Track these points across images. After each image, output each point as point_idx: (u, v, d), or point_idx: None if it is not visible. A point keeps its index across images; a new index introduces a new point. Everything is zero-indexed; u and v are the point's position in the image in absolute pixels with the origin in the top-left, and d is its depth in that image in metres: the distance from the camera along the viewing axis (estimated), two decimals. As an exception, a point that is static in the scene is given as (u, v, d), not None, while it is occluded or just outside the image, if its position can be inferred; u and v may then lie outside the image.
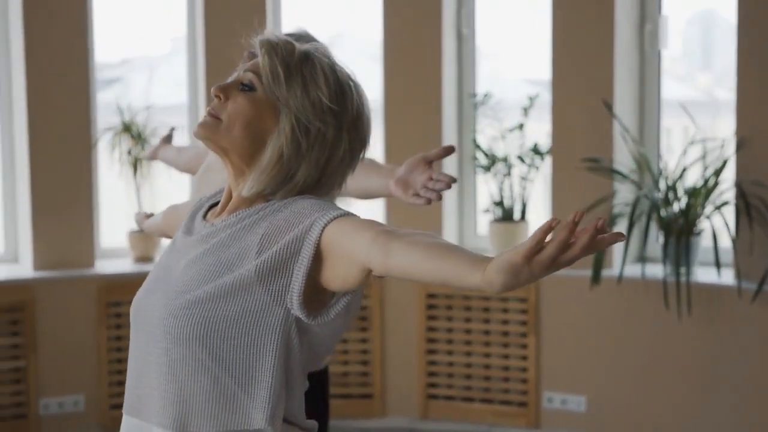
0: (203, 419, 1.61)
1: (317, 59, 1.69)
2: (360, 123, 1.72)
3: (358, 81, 1.76)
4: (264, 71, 1.68)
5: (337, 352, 4.85)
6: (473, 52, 5.07)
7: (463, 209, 5.13)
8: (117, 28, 5.29)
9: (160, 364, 1.63)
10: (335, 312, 1.62)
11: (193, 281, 1.63)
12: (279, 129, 1.66)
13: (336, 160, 1.69)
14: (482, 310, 4.71)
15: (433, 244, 1.48)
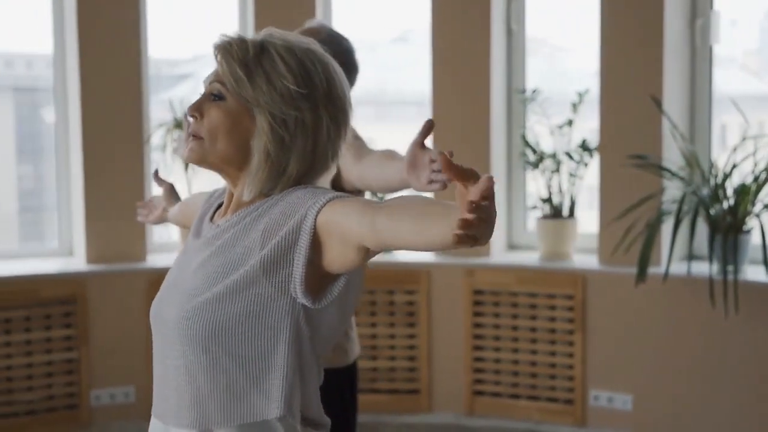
0: (222, 415, 1.66)
1: (273, 46, 1.71)
2: (333, 93, 1.73)
3: (319, 49, 1.76)
4: (226, 77, 1.70)
5: (368, 347, 4.96)
6: (523, 48, 5.14)
7: (512, 206, 5.20)
8: (187, 24, 5.44)
9: (177, 366, 1.70)
10: (335, 293, 1.65)
11: (203, 284, 1.68)
12: (258, 129, 1.70)
13: (322, 140, 1.72)
14: (529, 307, 4.78)
15: (413, 212, 1.47)
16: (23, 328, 4.60)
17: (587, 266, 4.70)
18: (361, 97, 6.36)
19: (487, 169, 4.93)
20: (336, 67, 1.76)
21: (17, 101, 5.54)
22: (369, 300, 4.94)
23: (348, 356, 2.86)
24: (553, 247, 4.82)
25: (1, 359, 4.56)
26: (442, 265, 4.91)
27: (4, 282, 4.59)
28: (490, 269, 4.84)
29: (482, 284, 4.83)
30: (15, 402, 4.60)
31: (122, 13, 4.87)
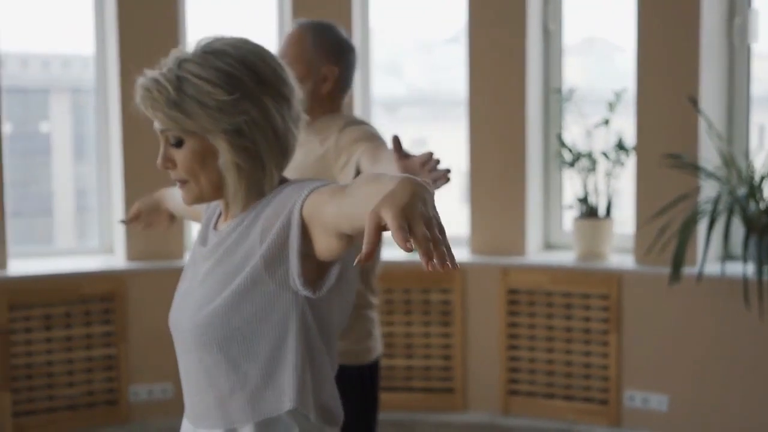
0: (243, 414, 1.75)
1: (187, 71, 1.72)
2: (264, 77, 1.75)
3: (229, 43, 1.76)
4: (165, 124, 1.75)
5: (403, 346, 5.03)
6: (560, 48, 5.19)
7: (548, 205, 5.24)
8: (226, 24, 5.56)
9: (197, 370, 1.78)
10: (332, 280, 1.70)
11: (213, 291, 1.75)
12: (221, 151, 1.74)
13: (279, 123, 1.76)
14: (564, 307, 4.82)
15: (366, 190, 1.48)
16: (64, 324, 4.73)
17: (622, 266, 4.74)
18: (416, 97, 6.43)
19: (524, 169, 4.99)
20: (255, 49, 1.77)
21: (74, 102, 5.70)
22: (404, 299, 5.01)
23: (371, 354, 2.90)
24: (589, 247, 4.86)
25: (43, 355, 4.69)
26: (478, 265, 4.97)
27: (46, 279, 4.72)
28: (526, 269, 4.89)
29: (517, 284, 4.88)
30: (56, 397, 4.74)
31: (161, 14, 4.99)
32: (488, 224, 5.05)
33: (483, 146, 5.04)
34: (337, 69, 2.84)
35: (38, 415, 4.70)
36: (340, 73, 2.85)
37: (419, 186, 1.34)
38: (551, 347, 4.86)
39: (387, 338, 5.03)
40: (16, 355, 4.64)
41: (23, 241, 5.16)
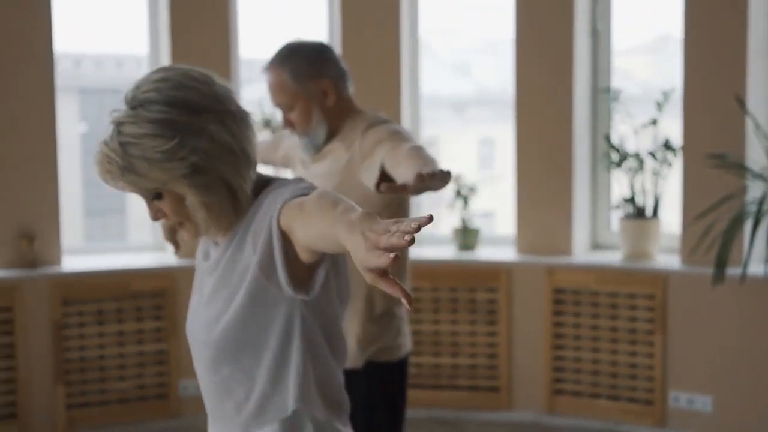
0: (255, 418, 1.85)
1: (125, 134, 1.74)
2: (198, 106, 1.77)
3: (152, 84, 1.77)
4: (125, 188, 1.78)
5: (449, 344, 5.11)
6: (608, 48, 5.24)
7: (596, 205, 5.30)
8: (277, 24, 5.70)
9: (215, 382, 1.88)
10: (320, 281, 1.77)
11: (219, 310, 1.84)
12: (187, 195, 1.78)
13: (231, 138, 1.78)
14: (610, 307, 4.87)
15: (324, 217, 1.54)
16: (116, 319, 4.89)
17: (668, 266, 4.77)
18: (484, 97, 6.50)
19: (571, 169, 5.05)
20: (177, 81, 1.77)
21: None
22: (450, 297, 5.10)
23: (399, 351, 2.95)
24: (636, 247, 4.91)
25: (95, 349, 4.86)
26: (523, 264, 5.04)
27: (98, 275, 4.88)
28: (572, 269, 4.95)
29: (563, 283, 4.95)
30: (108, 390, 4.90)
31: (213, 14, 5.13)
32: (535, 224, 5.12)
33: (530, 146, 5.11)
34: (325, 79, 2.88)
35: (90, 408, 4.86)
36: (332, 79, 2.89)
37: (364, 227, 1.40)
38: (596, 347, 4.91)
39: (433, 336, 5.12)
40: (70, 349, 4.81)
41: (98, 238, 5.33)
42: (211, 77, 1.83)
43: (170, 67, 1.83)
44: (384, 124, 2.85)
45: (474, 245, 5.30)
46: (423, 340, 5.14)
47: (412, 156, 2.43)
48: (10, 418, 4.70)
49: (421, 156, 2.42)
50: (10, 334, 4.69)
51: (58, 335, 4.76)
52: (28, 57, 4.82)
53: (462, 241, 5.29)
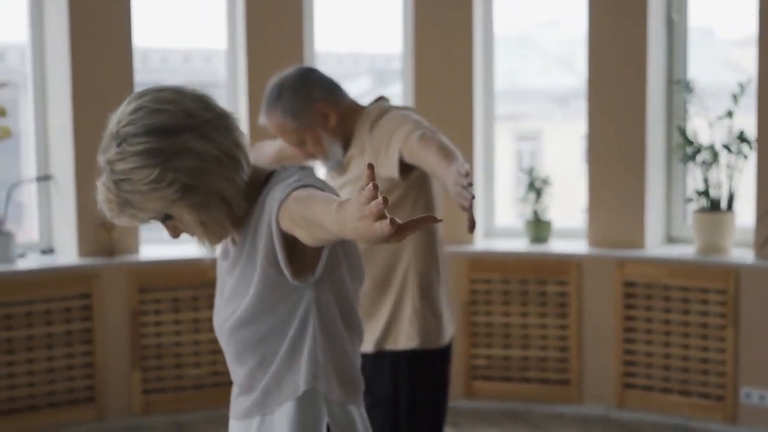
0: (276, 398, 1.95)
1: (115, 168, 1.83)
2: (175, 128, 1.83)
3: (128, 117, 1.83)
4: (130, 222, 1.89)
5: (519, 337, 5.17)
6: (684, 39, 5.24)
7: (670, 198, 5.30)
8: (351, 20, 5.83)
9: (243, 374, 1.99)
10: (323, 262, 1.87)
11: (239, 307, 1.93)
12: (183, 216, 1.87)
13: (216, 149, 1.85)
14: (681, 301, 4.88)
15: (314, 212, 1.66)
16: (191, 307, 5.07)
17: (741, 261, 4.77)
18: (575, 93, 6.52)
19: (644, 161, 5.07)
20: (150, 108, 1.84)
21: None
22: (521, 290, 5.17)
23: (441, 338, 3.02)
24: (709, 241, 4.91)
25: (171, 336, 5.05)
26: (594, 257, 5.08)
27: (175, 264, 5.06)
28: (643, 262, 4.97)
29: (634, 276, 4.97)
30: (183, 376, 5.08)
31: (288, 9, 5.26)
32: (607, 217, 5.15)
33: (602, 138, 5.14)
34: (318, 103, 2.93)
35: (166, 393, 5.06)
36: (325, 99, 2.94)
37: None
38: (668, 341, 4.93)
39: (503, 329, 5.20)
40: (146, 335, 5.01)
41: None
42: (182, 92, 1.88)
43: (142, 92, 1.89)
44: (385, 115, 2.92)
45: (546, 237, 5.35)
46: (493, 332, 5.21)
47: (430, 151, 2.52)
48: (88, 402, 4.92)
49: (435, 150, 2.52)
50: (89, 320, 4.90)
51: (134, 322, 4.96)
52: (107, 52, 5.02)
53: (534, 233, 5.34)
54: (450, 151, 2.52)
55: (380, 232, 1.44)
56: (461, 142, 5.31)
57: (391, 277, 2.96)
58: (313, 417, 1.93)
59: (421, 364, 2.98)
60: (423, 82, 5.33)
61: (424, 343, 2.98)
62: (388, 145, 2.82)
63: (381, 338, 2.98)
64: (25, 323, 4.78)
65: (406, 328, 2.96)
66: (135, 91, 4.12)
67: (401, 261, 2.96)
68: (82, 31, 4.97)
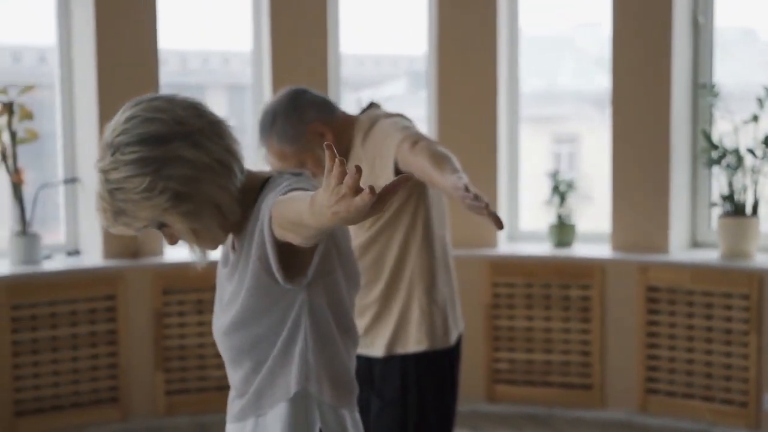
0: (268, 400, 1.98)
1: (109, 178, 1.87)
2: (168, 136, 1.87)
3: (122, 126, 1.88)
4: (125, 231, 1.93)
5: (542, 341, 5.19)
6: (711, 42, 5.23)
7: (695, 203, 5.30)
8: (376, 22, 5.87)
9: (239, 377, 2.02)
10: (314, 265, 1.91)
11: (235, 313, 1.97)
12: (174, 224, 1.91)
13: (208, 157, 1.89)
14: (705, 306, 4.88)
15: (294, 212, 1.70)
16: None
17: (765, 266, 4.76)
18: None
19: (668, 165, 5.07)
20: (144, 116, 1.88)
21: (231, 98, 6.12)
22: (544, 294, 5.19)
23: (449, 337, 3.05)
24: (734, 246, 4.90)
25: (195, 337, 5.09)
26: (617, 261, 5.09)
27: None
28: (666, 267, 4.97)
29: (657, 281, 4.98)
30: (206, 378, 5.14)
31: (313, 11, 5.31)
32: (631, 221, 5.16)
33: (627, 142, 5.15)
34: (312, 123, 2.96)
35: (189, 394, 5.12)
36: (318, 119, 2.97)
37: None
38: (691, 346, 4.93)
39: (526, 332, 5.22)
40: (170, 337, 5.08)
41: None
42: (174, 101, 1.92)
43: (136, 101, 1.93)
44: (375, 125, 2.95)
45: (570, 242, 5.37)
46: (516, 336, 5.24)
47: (438, 165, 2.56)
48: (112, 402, 4.99)
49: (428, 161, 2.56)
50: (113, 321, 4.98)
51: (158, 323, 5.03)
52: (133, 55, 5.08)
53: (558, 237, 5.36)
54: (442, 159, 2.56)
55: (362, 204, 1.47)
56: (485, 144, 5.35)
57: (399, 281, 3.01)
58: (305, 419, 1.97)
59: (430, 366, 3.02)
60: (447, 84, 5.36)
61: (432, 344, 3.01)
62: (381, 155, 2.86)
63: (391, 342, 3.02)
64: (50, 324, 4.86)
65: (414, 331, 3.00)
66: (160, 93, 4.06)
67: (407, 264, 3.00)
68: (108, 34, 5.04)
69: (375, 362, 3.06)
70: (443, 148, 2.69)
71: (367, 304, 3.02)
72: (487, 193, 5.34)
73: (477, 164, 5.37)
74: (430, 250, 3.03)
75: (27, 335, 4.81)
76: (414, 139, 2.75)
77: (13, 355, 4.77)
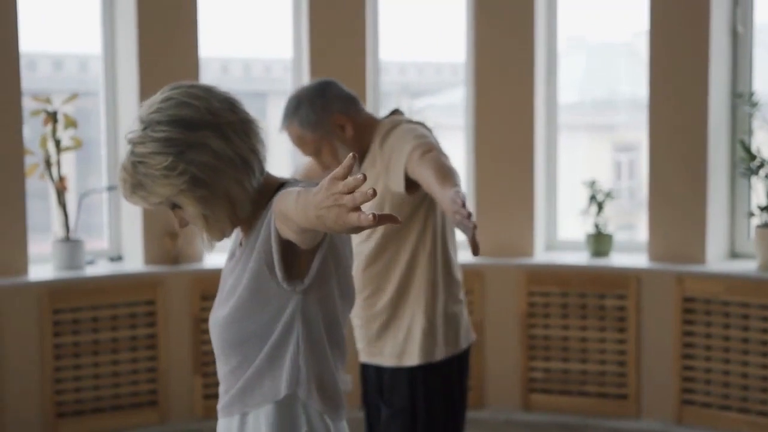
0: (255, 399, 2.05)
1: (136, 151, 1.99)
2: (198, 122, 1.97)
3: (158, 105, 1.99)
4: (138, 203, 2.03)
5: (578, 350, 5.23)
6: (750, 51, 5.26)
7: (735, 213, 5.33)
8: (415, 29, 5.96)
9: (226, 372, 2.10)
10: (314, 271, 1.99)
11: (232, 305, 2.05)
12: (188, 207, 1.99)
13: (231, 151, 1.98)
14: (741, 317, 4.91)
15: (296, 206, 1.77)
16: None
17: (802, 278, 4.79)
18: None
19: (705, 175, 5.10)
20: (181, 100, 1.99)
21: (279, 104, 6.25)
22: (580, 303, 5.24)
23: (457, 346, 3.12)
24: (772, 257, 4.93)
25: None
26: (653, 271, 5.14)
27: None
28: (702, 278, 5.01)
29: (693, 292, 5.02)
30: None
31: (352, 18, 5.42)
32: (667, 231, 5.20)
33: (664, 151, 5.19)
34: (335, 114, 3.07)
35: (227, 399, 5.24)
36: (342, 111, 3.08)
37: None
38: (727, 358, 4.97)
39: (562, 342, 5.28)
40: (208, 341, 5.07)
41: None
42: (211, 91, 2.03)
43: (175, 85, 2.04)
44: (395, 129, 3.05)
45: (608, 251, 5.42)
46: (551, 345, 5.30)
47: (427, 174, 2.65)
48: (151, 405, 5.14)
49: (433, 173, 2.64)
50: (153, 326, 5.12)
51: (197, 328, 5.16)
52: (174, 63, 5.22)
53: (594, 247, 5.41)
54: (447, 173, 2.64)
55: (356, 223, 1.55)
56: (522, 152, 5.42)
57: (408, 290, 3.08)
58: (291, 423, 2.03)
59: (438, 375, 3.09)
60: (484, 92, 5.44)
61: (441, 354, 3.09)
62: (395, 159, 2.95)
63: (400, 352, 3.10)
64: (91, 328, 5.01)
65: (423, 342, 3.07)
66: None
67: (416, 274, 3.08)
68: (150, 42, 5.18)
69: (384, 371, 3.14)
70: (450, 163, 2.77)
71: (376, 313, 3.11)
72: (524, 201, 5.41)
73: (513, 172, 5.45)
74: (438, 261, 3.10)
75: (69, 339, 4.96)
76: (425, 149, 2.84)
77: (55, 358, 4.93)
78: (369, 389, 3.25)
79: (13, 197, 4.93)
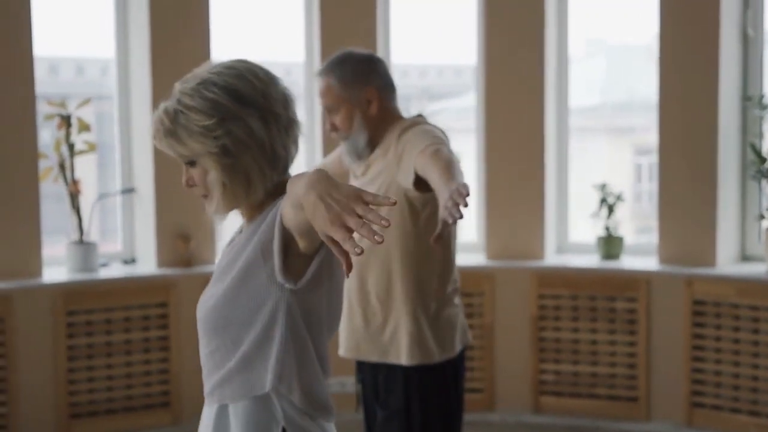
0: (232, 392, 2.07)
1: (180, 102, 2.05)
2: (247, 99, 2.04)
3: (219, 69, 2.05)
4: (164, 149, 2.10)
5: (588, 353, 5.28)
6: (760, 54, 5.29)
7: (746, 216, 5.35)
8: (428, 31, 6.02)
9: (206, 355, 2.13)
10: (310, 274, 2.00)
11: (219, 286, 2.09)
12: (211, 171, 2.06)
13: (263, 139, 2.05)
14: (751, 320, 4.94)
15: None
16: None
17: (811, 281, 4.81)
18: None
19: (715, 178, 5.14)
20: (240, 72, 2.06)
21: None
22: (590, 306, 5.29)
23: (452, 348, 3.16)
24: (781, 260, 4.96)
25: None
26: (663, 274, 5.17)
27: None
28: (712, 280, 5.04)
29: (703, 295, 5.05)
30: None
31: (363, 21, 5.47)
32: (677, 233, 5.23)
33: (673, 153, 5.22)
34: (371, 87, 3.13)
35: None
36: (378, 88, 3.14)
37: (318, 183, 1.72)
38: (737, 360, 5.00)
39: (572, 344, 5.32)
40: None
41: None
42: (274, 79, 2.10)
43: (244, 60, 2.11)
44: (415, 126, 3.09)
45: (618, 254, 5.45)
46: (562, 348, 5.34)
47: (437, 167, 2.68)
48: (163, 407, 5.20)
49: (443, 166, 2.66)
50: (165, 328, 5.19)
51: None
52: (186, 68, 5.27)
53: (605, 250, 5.45)
54: (455, 171, 2.66)
55: (337, 239, 1.63)
56: (532, 155, 5.46)
57: (405, 290, 3.11)
58: (268, 419, 2.05)
59: (433, 377, 3.13)
60: (494, 95, 5.49)
61: (437, 356, 3.13)
62: (407, 153, 2.98)
63: (396, 352, 3.13)
64: (104, 330, 5.08)
65: (419, 343, 3.11)
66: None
67: (413, 274, 3.11)
68: (163, 47, 5.26)
69: (379, 370, 3.18)
70: (461, 166, 2.81)
71: (373, 312, 3.16)
72: (534, 204, 5.46)
73: (524, 175, 5.49)
74: (436, 262, 3.13)
75: (82, 340, 5.04)
76: (438, 147, 2.87)
77: (68, 360, 5.00)
78: (365, 391, 3.28)
79: (27, 200, 5.01)
